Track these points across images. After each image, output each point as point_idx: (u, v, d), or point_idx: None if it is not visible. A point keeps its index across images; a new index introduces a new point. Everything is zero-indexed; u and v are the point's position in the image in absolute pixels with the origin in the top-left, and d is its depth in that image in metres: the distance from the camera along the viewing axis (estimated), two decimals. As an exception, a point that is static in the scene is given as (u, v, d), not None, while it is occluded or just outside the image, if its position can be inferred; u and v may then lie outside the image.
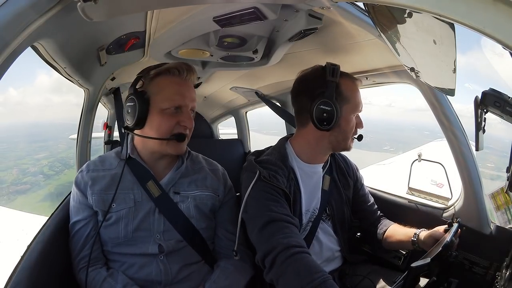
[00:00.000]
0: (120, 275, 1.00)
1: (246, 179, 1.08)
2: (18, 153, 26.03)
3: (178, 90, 1.00)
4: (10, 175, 21.49)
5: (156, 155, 1.06)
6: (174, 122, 1.00)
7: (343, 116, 1.08)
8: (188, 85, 1.04)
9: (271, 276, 0.91)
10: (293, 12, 1.07)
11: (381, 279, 1.16)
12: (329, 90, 1.06)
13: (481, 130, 0.79)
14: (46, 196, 15.40)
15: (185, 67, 1.02)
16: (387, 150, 28.05)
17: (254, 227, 0.99)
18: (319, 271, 0.85)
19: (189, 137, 1.05)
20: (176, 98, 1.00)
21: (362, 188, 1.33)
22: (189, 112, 1.02)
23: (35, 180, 19.21)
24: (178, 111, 1.00)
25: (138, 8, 0.89)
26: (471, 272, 1.17)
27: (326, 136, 1.11)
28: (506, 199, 1.16)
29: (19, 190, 18.31)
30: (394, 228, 1.22)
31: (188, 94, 1.02)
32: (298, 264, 0.87)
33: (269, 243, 0.92)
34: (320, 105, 1.05)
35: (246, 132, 2.76)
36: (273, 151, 1.18)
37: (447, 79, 0.79)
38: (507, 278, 0.82)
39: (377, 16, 0.76)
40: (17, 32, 0.61)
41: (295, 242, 0.92)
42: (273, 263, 0.90)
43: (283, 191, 1.05)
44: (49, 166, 19.81)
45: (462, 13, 0.47)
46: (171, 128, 1.00)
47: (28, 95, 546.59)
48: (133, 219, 1.01)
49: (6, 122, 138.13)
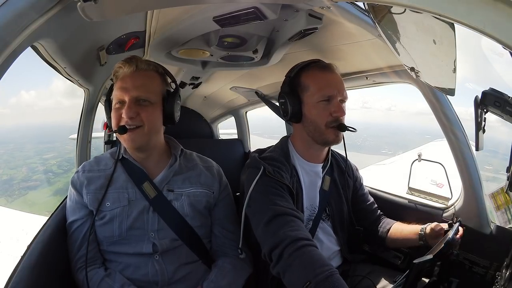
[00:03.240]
0: (117, 275, 1.00)
1: (249, 174, 1.09)
2: (26, 153, 26.44)
3: (120, 86, 1.02)
4: (20, 173, 22.10)
5: (137, 153, 1.07)
6: (118, 115, 1.01)
7: (305, 105, 1.11)
8: (131, 76, 1.02)
9: (278, 269, 0.90)
10: (293, 12, 1.07)
11: (381, 279, 1.16)
12: (285, 85, 1.16)
13: (481, 130, 0.79)
14: (56, 191, 15.83)
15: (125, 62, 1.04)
16: (386, 153, 28.24)
17: (260, 222, 0.98)
18: (326, 265, 0.84)
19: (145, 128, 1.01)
20: (118, 94, 1.02)
21: (361, 188, 1.33)
22: (130, 103, 0.99)
23: (45, 177, 19.68)
24: (121, 105, 1.01)
25: (138, 8, 0.89)
26: (471, 272, 1.17)
27: (303, 129, 1.14)
28: (506, 199, 1.16)
29: (30, 186, 18.95)
30: (398, 226, 1.22)
31: (130, 85, 1.01)
32: (305, 257, 0.87)
33: (277, 237, 0.92)
34: (280, 100, 1.16)
35: (246, 132, 2.76)
36: (276, 148, 1.19)
37: (447, 79, 0.79)
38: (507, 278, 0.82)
39: (377, 16, 0.76)
40: (17, 32, 0.61)
41: (303, 235, 0.92)
42: (281, 256, 0.89)
43: (287, 187, 1.06)
44: (57, 165, 20.15)
45: (462, 13, 0.47)
46: (117, 121, 1.01)
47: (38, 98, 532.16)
48: (127, 217, 1.02)
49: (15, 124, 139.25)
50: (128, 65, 1.03)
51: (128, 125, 0.99)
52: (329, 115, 1.09)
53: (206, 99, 2.51)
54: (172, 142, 1.16)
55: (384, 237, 1.23)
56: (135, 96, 1.00)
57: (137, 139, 1.01)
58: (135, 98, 1.00)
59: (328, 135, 1.10)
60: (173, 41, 1.29)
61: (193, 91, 2.20)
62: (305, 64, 1.14)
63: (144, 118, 1.00)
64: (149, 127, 1.02)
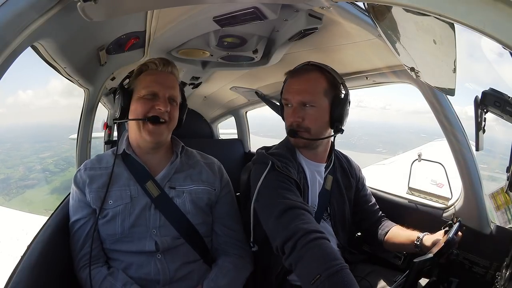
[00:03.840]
0: (120, 274, 1.00)
1: (257, 169, 1.09)
2: (22, 153, 26.60)
3: (155, 80, 1.05)
4: (17, 172, 22.28)
5: (144, 149, 1.08)
6: (149, 106, 1.03)
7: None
8: (165, 75, 1.07)
9: (291, 261, 0.90)
10: (293, 12, 1.07)
11: (381, 279, 1.16)
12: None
13: (481, 130, 0.79)
14: (53, 190, 15.96)
15: (161, 61, 1.08)
16: (380, 152, 28.42)
17: (270, 215, 0.98)
18: (337, 259, 0.85)
19: (169, 124, 1.06)
20: (152, 86, 1.04)
21: (363, 189, 1.33)
22: (165, 99, 1.04)
23: (42, 176, 19.83)
24: (153, 97, 1.03)
25: (138, 8, 0.89)
26: (471, 272, 1.17)
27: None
28: (506, 199, 1.16)
29: (27, 185, 19.03)
30: (396, 230, 1.22)
31: (165, 83, 1.06)
32: (317, 250, 0.87)
33: (289, 230, 0.92)
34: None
35: (246, 132, 2.76)
36: (281, 146, 1.20)
37: (447, 79, 0.79)
38: (507, 278, 0.82)
39: (377, 16, 0.76)
40: (17, 32, 0.61)
41: (314, 227, 0.92)
42: (294, 248, 0.89)
43: (295, 181, 1.06)
44: (54, 164, 20.31)
45: (462, 13, 0.47)
46: (146, 110, 1.03)
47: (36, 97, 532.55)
48: (130, 215, 1.02)
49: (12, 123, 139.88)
50: (164, 65, 1.08)
51: (161, 117, 1.02)
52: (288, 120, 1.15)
53: (206, 99, 2.51)
54: (173, 139, 1.17)
55: (382, 240, 1.23)
56: (169, 95, 1.05)
57: (161, 133, 1.05)
58: (169, 96, 1.05)
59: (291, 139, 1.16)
60: (173, 41, 1.29)
61: (193, 91, 2.20)
62: (293, 69, 1.18)
63: (171, 116, 1.06)
64: (173, 124, 1.08)
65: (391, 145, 39.79)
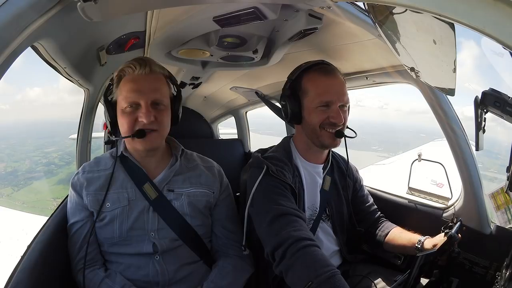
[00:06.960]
0: (118, 276, 1.00)
1: (252, 174, 1.09)
2: (27, 148, 26.96)
3: (133, 88, 0.97)
4: (24, 165, 22.78)
5: (140, 153, 1.06)
6: (133, 119, 0.97)
7: (305, 108, 1.11)
8: (143, 78, 0.98)
9: (281, 268, 0.91)
10: (293, 12, 1.07)
11: (381, 279, 1.16)
12: (286, 86, 1.15)
13: (481, 130, 0.79)
14: (60, 181, 16.41)
15: (137, 63, 0.99)
16: (376, 150, 28.74)
17: (263, 221, 0.98)
18: (329, 265, 0.85)
19: (160, 132, 1.00)
20: (130, 96, 0.97)
21: (361, 189, 1.33)
22: (148, 107, 0.96)
23: (48, 169, 20.41)
24: (134, 108, 0.98)
25: (138, 8, 0.89)
26: (471, 272, 1.17)
27: (302, 131, 1.16)
28: (506, 199, 1.16)
29: (35, 176, 19.64)
30: (397, 232, 1.21)
31: (146, 88, 0.97)
32: (307, 257, 0.87)
33: (280, 236, 0.92)
34: (282, 102, 1.17)
35: (246, 132, 2.76)
36: (278, 148, 1.19)
37: (447, 79, 0.79)
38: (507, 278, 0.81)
39: (377, 16, 0.76)
40: (17, 32, 0.61)
41: (305, 235, 0.92)
42: (284, 256, 0.90)
43: (290, 186, 1.06)
44: (59, 158, 20.72)
45: (462, 13, 0.47)
46: (131, 125, 0.98)
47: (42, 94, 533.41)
48: (128, 218, 1.01)
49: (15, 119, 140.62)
50: (140, 66, 0.98)
51: (146, 129, 0.97)
52: (326, 119, 1.09)
53: (206, 99, 2.51)
54: (173, 142, 1.16)
55: (382, 241, 1.23)
56: (152, 100, 0.98)
57: (154, 142, 1.01)
58: (152, 101, 0.98)
59: (324, 138, 1.10)
60: (173, 41, 1.29)
61: (193, 91, 2.20)
62: (308, 66, 1.13)
63: (160, 122, 0.99)
64: (165, 130, 1.03)
65: (387, 144, 40.11)
